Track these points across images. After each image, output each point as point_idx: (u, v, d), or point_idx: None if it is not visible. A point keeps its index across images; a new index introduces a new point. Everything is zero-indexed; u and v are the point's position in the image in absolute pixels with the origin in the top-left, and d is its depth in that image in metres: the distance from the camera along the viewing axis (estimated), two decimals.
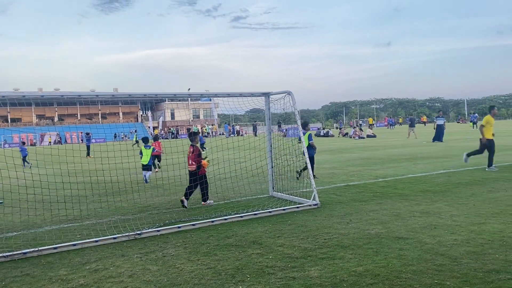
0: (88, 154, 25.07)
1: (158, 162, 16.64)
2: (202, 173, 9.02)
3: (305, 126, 12.24)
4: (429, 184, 10.24)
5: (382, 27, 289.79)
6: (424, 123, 73.51)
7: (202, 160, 9.07)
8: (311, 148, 11.74)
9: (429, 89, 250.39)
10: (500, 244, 5.45)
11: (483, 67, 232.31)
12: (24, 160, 20.82)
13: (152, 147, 14.41)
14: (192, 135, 9.43)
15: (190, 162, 9.09)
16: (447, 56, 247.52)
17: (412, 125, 34.98)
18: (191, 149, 9.13)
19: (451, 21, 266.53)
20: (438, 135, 25.99)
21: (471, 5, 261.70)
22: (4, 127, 75.72)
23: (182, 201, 8.89)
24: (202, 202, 9.16)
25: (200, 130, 62.71)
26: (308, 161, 9.16)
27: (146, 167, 13.39)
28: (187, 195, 8.95)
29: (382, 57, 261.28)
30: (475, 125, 45.36)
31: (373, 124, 60.35)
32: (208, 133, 60.70)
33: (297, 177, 11.63)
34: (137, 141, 35.51)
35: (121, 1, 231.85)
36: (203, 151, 23.60)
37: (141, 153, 13.63)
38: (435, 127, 26.40)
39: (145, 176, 13.22)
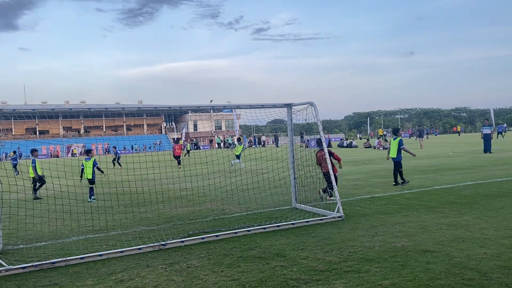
0: (117, 164, 25.92)
1: (178, 159, 23.84)
2: (335, 172, 9.86)
3: (396, 132, 13.46)
4: (456, 196, 10.01)
5: (405, 37, 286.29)
6: (458, 133, 72.22)
7: (335, 155, 10.58)
8: (399, 153, 12.51)
9: (455, 99, 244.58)
10: None
11: (509, 75, 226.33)
12: (15, 168, 23.01)
13: (242, 144, 22.42)
14: (320, 142, 10.62)
15: (323, 164, 10.28)
16: (472, 65, 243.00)
17: (421, 136, 34.68)
18: (322, 153, 10.14)
19: (475, 30, 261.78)
20: (486, 146, 23.75)
21: (495, 13, 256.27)
22: (33, 139, 77.90)
23: (322, 198, 10.28)
24: (320, 190, 10.43)
25: (223, 140, 63.31)
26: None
27: (237, 156, 20.73)
28: (327, 189, 10.28)
29: (405, 67, 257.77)
30: (500, 135, 43.64)
31: (382, 135, 58.87)
32: (230, 144, 61.06)
33: (406, 182, 12.39)
34: (188, 151, 40.11)
35: (145, 15, 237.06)
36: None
37: (235, 145, 21.70)
38: (482, 136, 24.25)
39: (235, 162, 20.43)
